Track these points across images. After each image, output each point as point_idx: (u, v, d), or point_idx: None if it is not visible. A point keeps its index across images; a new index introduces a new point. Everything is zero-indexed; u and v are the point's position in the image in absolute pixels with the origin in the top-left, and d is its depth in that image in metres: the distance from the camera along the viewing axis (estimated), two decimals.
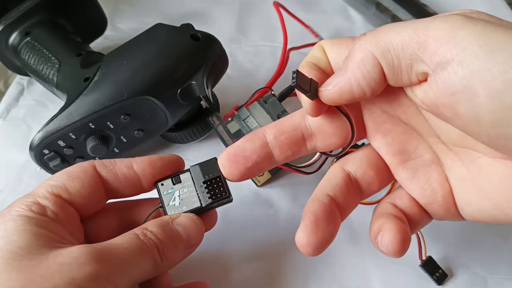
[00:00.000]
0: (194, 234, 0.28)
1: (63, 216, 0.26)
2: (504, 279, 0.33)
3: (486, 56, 0.20)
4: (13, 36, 0.43)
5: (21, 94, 0.48)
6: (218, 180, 0.29)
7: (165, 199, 0.29)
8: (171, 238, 0.27)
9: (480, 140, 0.23)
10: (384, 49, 0.23)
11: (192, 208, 0.29)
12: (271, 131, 0.28)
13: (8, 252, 0.23)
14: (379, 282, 0.33)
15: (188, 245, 0.28)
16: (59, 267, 0.22)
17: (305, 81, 0.25)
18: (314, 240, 0.25)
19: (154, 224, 0.27)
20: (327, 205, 0.26)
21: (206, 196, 0.29)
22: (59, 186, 0.27)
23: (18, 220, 0.24)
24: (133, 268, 0.25)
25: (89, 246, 0.24)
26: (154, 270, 0.26)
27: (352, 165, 0.29)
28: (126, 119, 0.36)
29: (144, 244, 0.25)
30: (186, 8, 0.58)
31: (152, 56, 0.36)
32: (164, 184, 0.30)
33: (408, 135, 0.28)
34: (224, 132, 0.36)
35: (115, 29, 0.55)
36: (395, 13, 0.50)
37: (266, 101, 0.36)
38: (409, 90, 0.25)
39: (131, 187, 0.29)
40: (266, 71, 0.49)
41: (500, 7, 0.56)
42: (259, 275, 0.33)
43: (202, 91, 0.36)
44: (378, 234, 0.26)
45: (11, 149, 0.43)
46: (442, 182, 0.27)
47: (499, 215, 0.24)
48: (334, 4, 0.58)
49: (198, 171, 0.30)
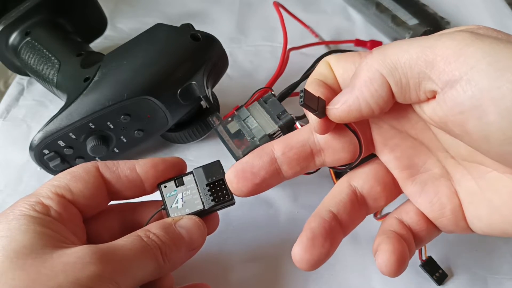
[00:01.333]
0: (197, 236, 0.28)
1: (66, 216, 0.26)
2: (504, 279, 0.33)
3: (495, 74, 0.20)
4: (13, 36, 0.43)
5: (21, 94, 0.48)
6: (221, 183, 0.29)
7: (168, 201, 0.29)
8: (174, 240, 0.27)
9: (489, 156, 0.23)
10: (392, 68, 0.23)
11: (195, 210, 0.29)
12: (279, 146, 0.28)
13: (12, 251, 0.23)
14: (379, 282, 0.33)
15: (190, 247, 0.28)
16: (64, 267, 0.22)
17: (312, 100, 0.25)
18: (308, 257, 0.25)
19: (157, 226, 0.27)
20: (327, 222, 0.26)
21: (209, 198, 0.29)
22: (62, 187, 0.27)
23: (21, 220, 0.24)
24: (136, 269, 0.25)
25: (93, 247, 0.24)
26: (156, 271, 0.26)
27: (359, 180, 0.28)
28: (126, 119, 0.36)
29: (147, 246, 0.26)
30: (186, 8, 0.58)
31: (152, 56, 0.36)
32: (167, 186, 0.30)
33: (416, 149, 0.27)
34: (224, 132, 0.36)
35: (115, 29, 0.55)
36: (395, 13, 0.50)
37: (266, 101, 0.36)
38: (417, 107, 0.25)
39: (133, 189, 0.29)
40: (266, 71, 0.49)
41: (500, 7, 0.56)
42: (259, 275, 0.33)
43: (202, 91, 0.36)
44: (376, 252, 0.27)
45: (11, 149, 0.43)
46: (451, 196, 0.27)
47: (509, 229, 0.24)
48: (334, 4, 0.58)
49: (201, 173, 0.30)
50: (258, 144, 0.34)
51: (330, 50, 0.49)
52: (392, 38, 0.50)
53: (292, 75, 0.44)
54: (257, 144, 0.34)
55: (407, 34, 0.48)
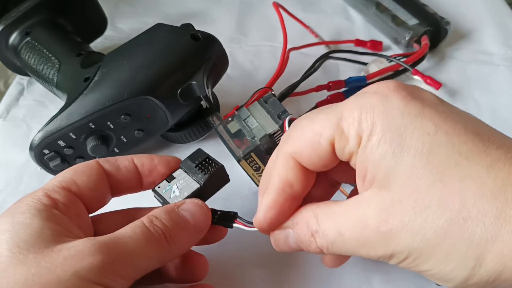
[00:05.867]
0: (201, 218, 0.28)
1: (73, 209, 0.26)
2: None
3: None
4: (13, 36, 0.43)
5: (21, 94, 0.48)
6: (208, 160, 0.30)
7: (165, 195, 0.30)
8: (178, 223, 0.27)
9: None
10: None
11: (193, 190, 0.29)
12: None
13: (14, 245, 0.23)
14: (379, 282, 0.33)
15: (195, 230, 0.28)
16: (63, 260, 0.22)
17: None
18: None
19: (160, 211, 0.27)
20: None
21: (201, 174, 0.30)
22: (67, 180, 0.27)
23: (26, 213, 0.24)
24: (139, 257, 0.25)
25: (93, 239, 0.24)
26: (162, 257, 0.26)
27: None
28: (126, 119, 0.36)
29: (150, 232, 0.26)
30: (186, 8, 0.58)
31: (152, 56, 0.36)
32: (160, 186, 0.30)
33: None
34: (224, 132, 0.36)
35: (115, 29, 0.55)
36: (395, 13, 0.50)
37: (266, 101, 0.36)
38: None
39: (132, 180, 0.30)
40: (266, 71, 0.49)
41: (500, 7, 0.56)
42: (259, 275, 0.33)
43: (202, 91, 0.36)
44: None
45: (11, 149, 0.43)
46: None
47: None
48: (334, 4, 0.58)
49: (188, 162, 0.31)
50: (258, 143, 0.34)
51: (330, 50, 0.49)
52: (392, 38, 0.51)
53: (292, 75, 0.44)
54: (258, 143, 0.34)
55: (407, 34, 0.48)
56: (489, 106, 0.45)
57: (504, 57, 0.49)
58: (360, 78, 0.44)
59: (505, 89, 0.46)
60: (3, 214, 0.25)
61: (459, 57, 0.50)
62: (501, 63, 0.49)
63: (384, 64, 0.46)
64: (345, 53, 0.47)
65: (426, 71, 0.48)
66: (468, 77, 0.48)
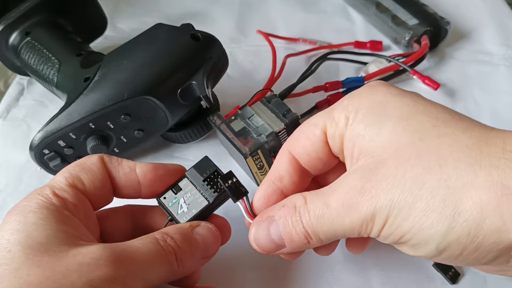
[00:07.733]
0: (212, 244, 0.28)
1: (81, 208, 0.26)
2: (504, 279, 0.33)
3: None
4: (13, 36, 0.43)
5: (21, 94, 0.48)
6: (216, 174, 0.29)
7: (172, 210, 0.29)
8: (190, 246, 0.27)
9: None
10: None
11: (201, 208, 0.29)
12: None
13: (28, 247, 0.23)
14: (379, 282, 0.33)
15: (204, 254, 0.28)
16: (78, 267, 0.22)
17: None
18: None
19: (174, 231, 0.27)
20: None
21: (211, 191, 0.29)
22: (74, 176, 0.27)
23: (38, 213, 0.24)
24: (149, 272, 0.25)
25: (108, 247, 0.24)
26: (169, 276, 0.26)
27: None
28: (126, 119, 0.36)
29: (163, 250, 0.26)
30: (186, 8, 0.58)
31: (152, 56, 0.36)
32: (166, 197, 0.30)
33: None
34: (228, 130, 0.36)
35: (115, 29, 0.55)
36: (395, 13, 0.50)
37: (269, 101, 0.37)
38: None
39: (129, 189, 0.29)
40: (266, 71, 0.49)
41: (500, 7, 0.56)
42: (259, 275, 0.33)
43: (202, 91, 0.36)
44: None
45: (11, 149, 0.43)
46: None
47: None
48: (334, 4, 0.58)
49: (195, 173, 0.30)
50: (265, 140, 0.34)
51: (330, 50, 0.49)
52: (392, 38, 0.50)
53: (292, 76, 0.44)
54: (264, 141, 0.34)
55: (407, 34, 0.48)
56: (489, 106, 0.45)
57: (504, 57, 0.49)
58: (357, 79, 0.44)
59: (505, 89, 0.46)
60: (13, 213, 0.25)
61: (459, 57, 0.50)
62: (501, 63, 0.49)
63: (384, 64, 0.46)
64: (343, 54, 0.48)
65: (426, 71, 0.48)
66: (468, 77, 0.48)
